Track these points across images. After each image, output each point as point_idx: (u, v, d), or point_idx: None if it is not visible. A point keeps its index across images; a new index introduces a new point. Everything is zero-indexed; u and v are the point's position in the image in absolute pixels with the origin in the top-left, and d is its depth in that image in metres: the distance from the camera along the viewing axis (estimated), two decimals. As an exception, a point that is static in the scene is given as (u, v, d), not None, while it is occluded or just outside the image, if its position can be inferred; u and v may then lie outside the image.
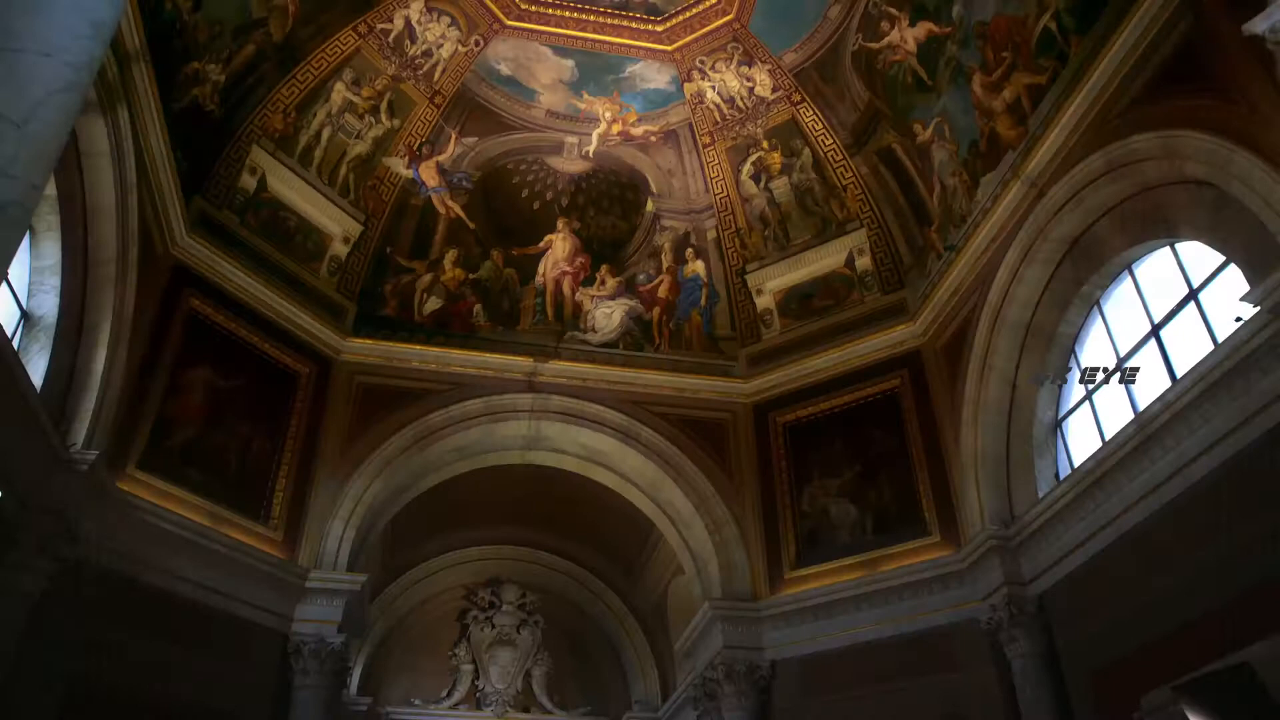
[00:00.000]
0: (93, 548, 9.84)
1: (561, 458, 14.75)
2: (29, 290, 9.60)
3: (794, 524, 13.36)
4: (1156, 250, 10.08)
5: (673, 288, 15.48)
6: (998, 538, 11.03)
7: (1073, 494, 10.04)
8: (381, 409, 13.49)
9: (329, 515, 12.43)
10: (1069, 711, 10.14)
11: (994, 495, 11.52)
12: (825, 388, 14.08)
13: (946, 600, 11.65)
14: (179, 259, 12.05)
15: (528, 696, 18.30)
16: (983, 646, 11.12)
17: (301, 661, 11.35)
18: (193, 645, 10.58)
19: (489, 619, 18.71)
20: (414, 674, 18.16)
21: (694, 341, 15.25)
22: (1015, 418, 11.73)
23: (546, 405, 14.16)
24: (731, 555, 13.35)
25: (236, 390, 12.31)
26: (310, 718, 11.14)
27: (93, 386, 9.98)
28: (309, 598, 11.76)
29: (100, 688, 9.65)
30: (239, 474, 11.91)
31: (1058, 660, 10.44)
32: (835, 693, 11.97)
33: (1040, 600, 10.74)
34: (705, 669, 13.09)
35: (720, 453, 14.20)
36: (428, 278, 14.80)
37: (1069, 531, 10.26)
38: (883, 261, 14.32)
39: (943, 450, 12.54)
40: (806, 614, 12.50)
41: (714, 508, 13.68)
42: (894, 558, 12.26)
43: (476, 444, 14.19)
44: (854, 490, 13.16)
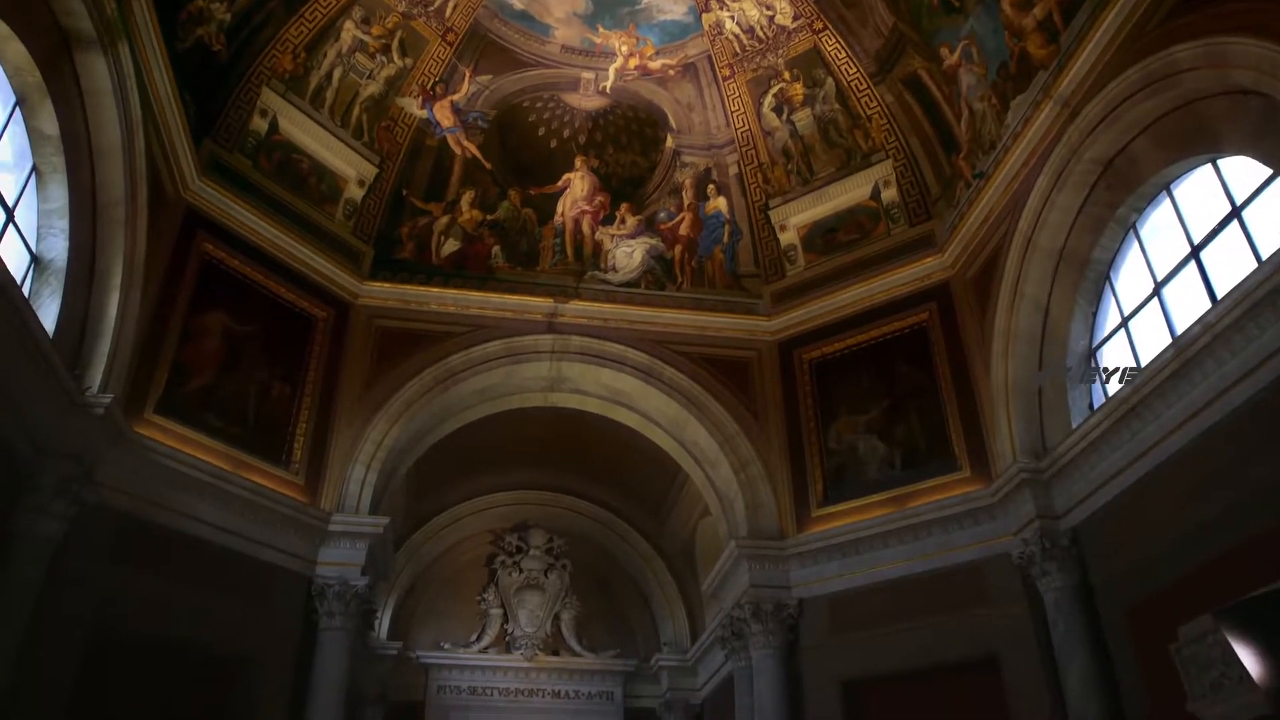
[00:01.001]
0: (111, 492, 9.84)
1: (584, 399, 14.59)
2: (38, 234, 9.46)
3: (821, 461, 13.16)
4: (1197, 168, 9.64)
5: (694, 225, 15.15)
6: (1029, 470, 10.76)
7: (1107, 423, 9.73)
8: (400, 352, 13.36)
9: (350, 459, 12.37)
10: (1103, 646, 9.92)
11: (1025, 427, 11.23)
12: (851, 323, 13.78)
13: (976, 535, 11.43)
14: (191, 203, 11.88)
15: (557, 639, 18.34)
16: (1014, 582, 10.91)
17: (326, 604, 11.36)
18: (216, 589, 10.58)
19: (516, 564, 18.71)
20: (443, 619, 18.24)
21: (717, 279, 14.96)
22: (1048, 348, 11.38)
23: (567, 346, 13.96)
24: (757, 493, 13.18)
25: (253, 335, 12.19)
26: (336, 659, 11.16)
27: (106, 331, 9.87)
28: (331, 541, 11.73)
29: (124, 632, 9.68)
30: (258, 419, 11.84)
31: (1091, 594, 10.21)
32: (863, 629, 11.84)
33: (1074, 533, 10.48)
34: (732, 608, 12.99)
35: (745, 391, 13.98)
36: (444, 219, 14.56)
37: (1103, 462, 9.97)
38: (909, 193, 13.89)
39: (972, 383, 12.24)
40: (834, 551, 12.34)
41: (739, 446, 13.48)
42: (923, 493, 12.03)
43: (498, 386, 14.05)
44: (882, 426, 12.91)
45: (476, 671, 17.71)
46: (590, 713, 17.92)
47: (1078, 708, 9.75)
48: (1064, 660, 10.07)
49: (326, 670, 11.05)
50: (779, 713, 11.78)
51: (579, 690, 18.03)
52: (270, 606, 11.10)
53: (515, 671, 17.86)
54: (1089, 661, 9.86)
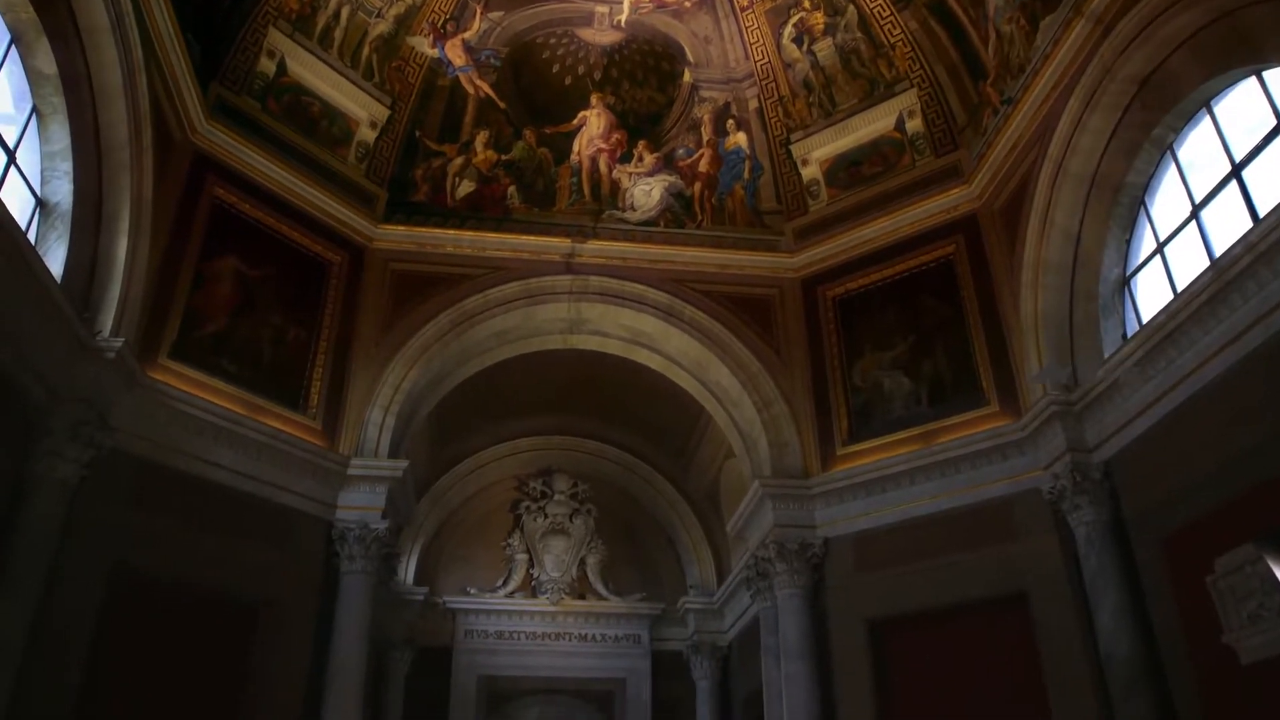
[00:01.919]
0: (127, 436, 9.80)
1: (604, 341, 14.38)
2: (42, 177, 9.32)
3: (845, 399, 12.92)
4: (1239, 82, 9.18)
5: (714, 161, 14.77)
6: (1060, 403, 10.46)
7: (1141, 351, 9.39)
8: (417, 295, 13.20)
9: (368, 403, 12.28)
10: (1135, 580, 9.70)
11: (1056, 359, 10.88)
12: (876, 258, 13.44)
13: (1006, 470, 11.18)
14: (199, 146, 11.70)
15: (583, 584, 18.36)
16: (1044, 517, 10.68)
17: (347, 547, 11.34)
18: (236, 533, 10.57)
19: (541, 509, 18.68)
20: (469, 564, 18.29)
21: (737, 216, 14.61)
22: (1079, 277, 11.02)
23: (586, 286, 13.73)
24: (781, 433, 12.98)
25: (267, 280, 12.06)
26: (358, 602, 11.16)
27: (116, 275, 9.77)
28: (351, 485, 11.68)
29: (145, 575, 9.69)
30: (273, 364, 11.74)
31: (1124, 527, 9.97)
32: (890, 567, 11.67)
33: (1106, 466, 10.21)
34: (757, 548, 12.86)
35: (767, 329, 13.71)
36: (459, 161, 14.29)
37: (1137, 393, 9.66)
38: (935, 122, 13.43)
39: (1001, 316, 11.91)
40: (859, 489, 12.14)
41: (762, 385, 13.26)
42: (950, 429, 11.77)
43: (516, 328, 13.87)
44: (908, 362, 12.63)
45: (503, 616, 17.77)
46: (617, 655, 17.97)
47: (1109, 642, 9.56)
48: (1095, 595, 9.86)
49: (349, 613, 11.05)
50: (804, 652, 11.68)
51: (605, 634, 18.07)
52: (291, 550, 11.09)
53: (542, 616, 17.91)
54: (1121, 596, 9.65)
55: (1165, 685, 9.16)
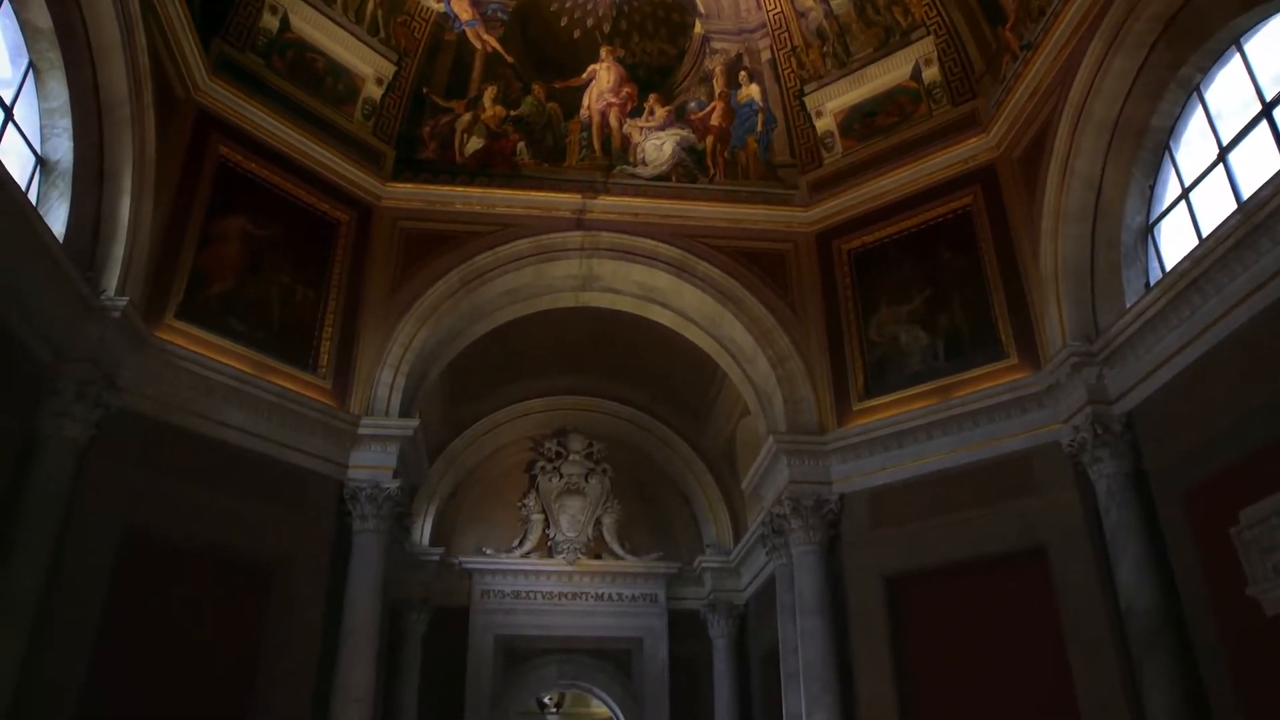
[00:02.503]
0: (135, 397, 9.75)
1: (616, 298, 14.21)
2: (41, 134, 9.19)
3: (861, 354, 12.73)
4: (1270, 18, 8.84)
5: (726, 114, 14.48)
6: (1080, 354, 10.24)
7: (1165, 299, 9.15)
8: (426, 254, 13.05)
9: (378, 362, 12.18)
10: (1157, 533, 9.52)
11: (1076, 310, 10.66)
12: (892, 210, 13.17)
13: (1025, 424, 10.99)
14: (203, 104, 11.52)
15: (599, 543, 18.32)
16: (1064, 470, 10.50)
17: (358, 507, 11.30)
18: (247, 493, 10.53)
19: (556, 469, 18.62)
20: (484, 525, 18.27)
21: (751, 170, 14.34)
22: (1100, 225, 10.74)
23: (597, 242, 13.54)
24: (796, 388, 12.81)
25: (274, 239, 11.92)
26: (371, 561, 11.13)
27: (119, 234, 9.64)
28: (362, 444, 11.62)
29: (156, 535, 9.66)
30: (282, 323, 11.63)
31: (1146, 480, 9.77)
32: (906, 523, 11.54)
33: (1128, 418, 10.00)
34: (772, 505, 12.76)
35: (781, 284, 13.49)
36: (467, 117, 14.05)
37: (1160, 342, 9.43)
38: (952, 70, 13.07)
39: (1020, 267, 11.66)
40: (876, 445, 11.98)
41: (776, 340, 13.08)
42: (968, 383, 11.58)
43: (528, 286, 13.72)
44: (924, 315, 12.40)
45: (519, 576, 17.77)
46: (634, 615, 17.96)
47: (1130, 596, 9.41)
48: (1116, 549, 9.70)
49: (362, 572, 11.03)
50: (820, 609, 11.60)
51: (622, 593, 18.06)
52: (303, 510, 11.05)
53: (558, 575, 17.90)
54: (1142, 549, 9.49)
55: (1187, 639, 9.02)
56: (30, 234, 8.06)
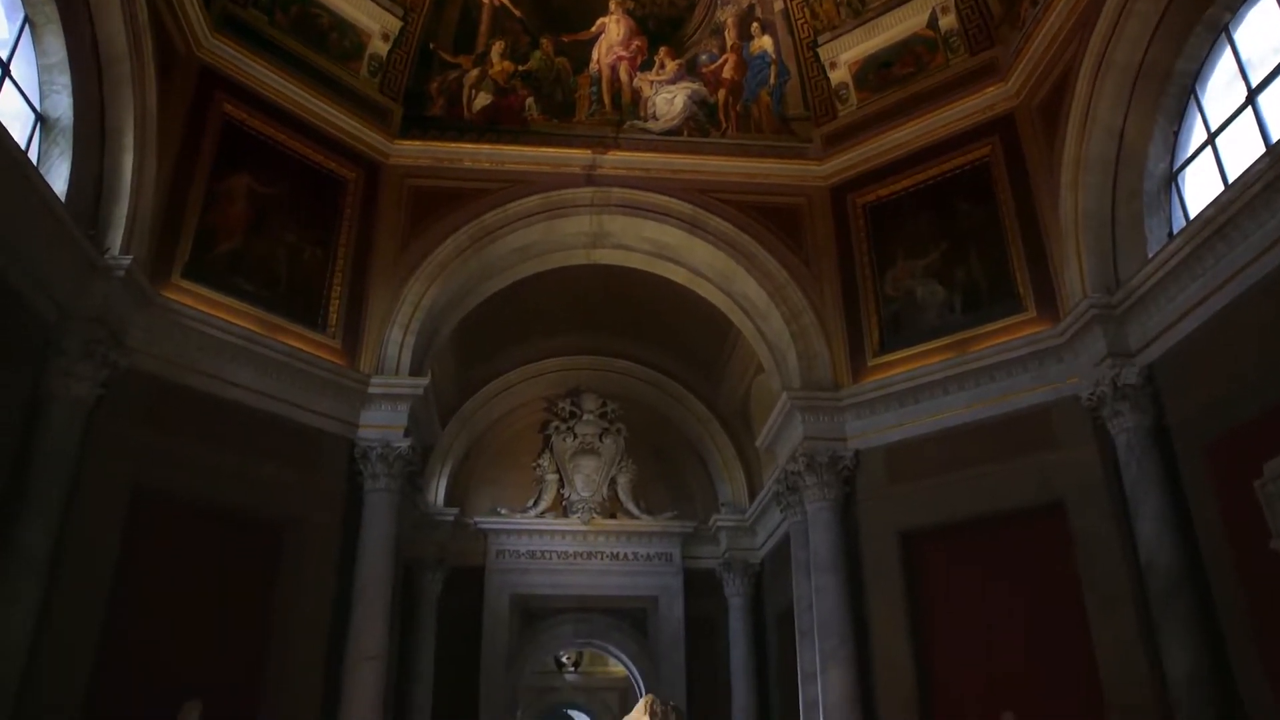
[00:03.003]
0: (143, 356, 9.71)
1: (628, 255, 14.04)
2: (40, 91, 9.05)
3: (877, 308, 12.54)
4: (1300, -48, 8.54)
5: (738, 67, 14.19)
6: (1100, 306, 10.03)
7: (1189, 248, 8.91)
8: (435, 211, 12.91)
9: (387, 321, 12.10)
10: (1178, 487, 9.37)
11: (1097, 262, 10.43)
12: (908, 163, 12.91)
13: (1043, 378, 10.81)
14: (205, 61, 11.36)
15: (614, 503, 18.28)
16: (1083, 424, 10.33)
17: (369, 466, 11.27)
18: (258, 452, 10.51)
19: (570, 429, 18.55)
20: (499, 485, 18.26)
21: (764, 124, 14.07)
22: (1122, 174, 10.48)
23: (607, 198, 13.33)
24: (810, 344, 12.64)
25: (281, 198, 11.80)
26: (383, 520, 11.13)
27: (123, 193, 9.55)
28: (372, 403, 11.57)
29: (167, 495, 9.66)
30: (290, 283, 11.54)
31: (1167, 434, 9.60)
32: (922, 479, 11.42)
33: (1149, 371, 9.81)
34: (787, 462, 12.64)
35: (795, 239, 13.28)
36: (475, 73, 13.82)
37: (1183, 292, 9.20)
38: (969, 17, 12.71)
39: (1038, 219, 11.40)
40: (891, 400, 11.83)
41: (790, 296, 12.89)
42: (985, 337, 11.39)
43: (538, 244, 13.56)
44: (941, 269, 12.19)
45: (534, 536, 17.77)
46: (649, 574, 17.96)
47: (1150, 550, 9.27)
48: (1135, 503, 9.56)
49: (374, 531, 11.03)
50: (835, 565, 11.52)
51: (637, 552, 18.04)
52: (314, 469, 11.04)
53: (573, 535, 17.89)
54: (1162, 503, 9.34)
55: (1207, 594, 8.90)
56: (30, 191, 7.97)
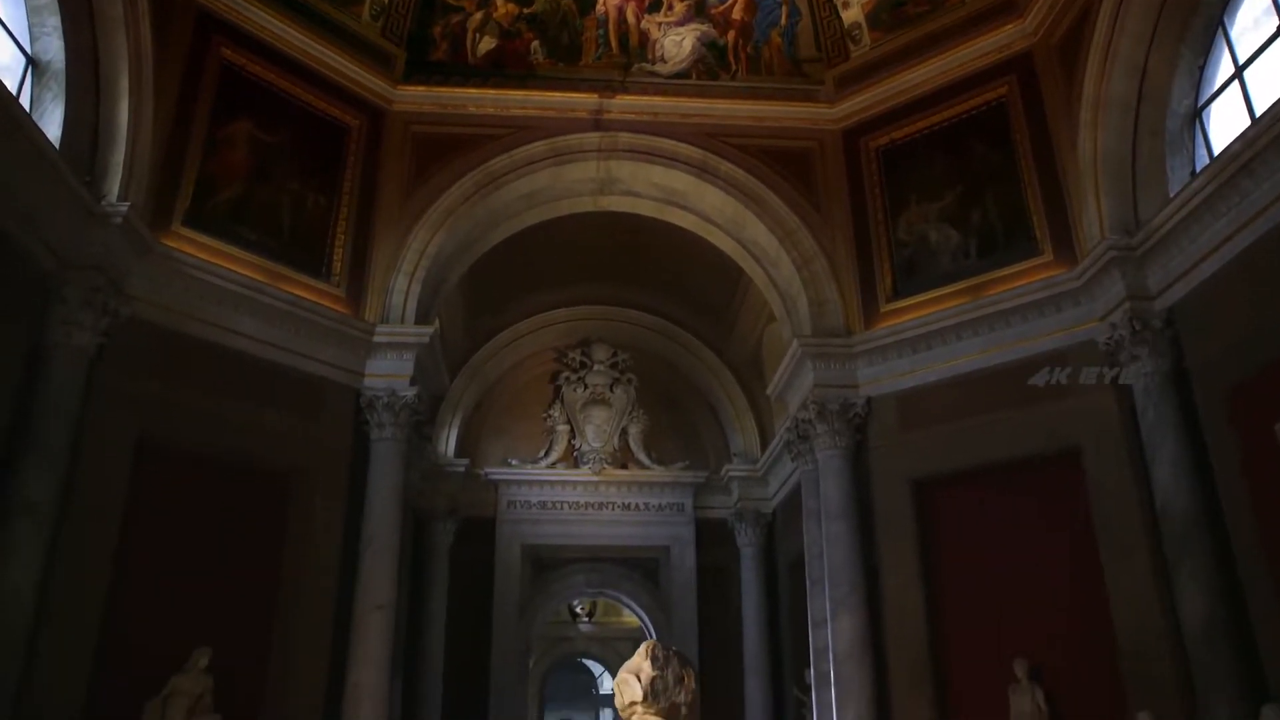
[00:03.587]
0: (144, 305, 9.61)
1: (637, 201, 13.80)
2: (30, 34, 8.85)
3: (889, 253, 12.30)
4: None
5: (748, 8, 13.78)
6: (1119, 248, 9.78)
7: (1213, 185, 8.64)
8: (439, 158, 12.69)
9: (392, 270, 11.96)
10: (1196, 432, 9.20)
11: (1117, 203, 10.17)
12: (922, 104, 12.58)
13: (1059, 322, 10.60)
14: (202, 4, 11.10)
15: (625, 453, 18.21)
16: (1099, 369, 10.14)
17: (375, 415, 11.20)
18: (263, 402, 10.45)
19: (581, 379, 18.44)
20: (509, 436, 18.21)
21: (774, 66, 13.71)
22: (1144, 113, 10.18)
23: (615, 143, 13.07)
24: (821, 290, 12.44)
25: (283, 145, 11.60)
26: (389, 469, 11.08)
27: (119, 139, 9.38)
28: (377, 352, 11.48)
29: (170, 446, 9.62)
30: (294, 231, 11.39)
31: (1186, 378, 9.42)
32: (935, 426, 11.27)
33: (1169, 314, 9.60)
34: (797, 410, 12.50)
35: (806, 183, 13.02)
36: (479, 16, 13.48)
37: (1206, 232, 8.95)
38: (986, -49, 12.35)
39: (1056, 160, 11.10)
40: (904, 346, 11.65)
41: (801, 241, 12.65)
42: (1000, 281, 11.15)
43: (545, 190, 13.33)
44: (956, 213, 11.92)
45: (545, 486, 17.75)
46: (661, 524, 17.94)
47: (1167, 497, 9.13)
48: (1152, 449, 9.41)
49: (381, 480, 10.98)
50: (846, 513, 11.42)
51: (649, 502, 18.00)
52: (320, 419, 10.98)
53: (584, 485, 17.85)
54: (1180, 449, 9.20)
55: (1224, 538, 8.77)
56: (22, 135, 7.82)
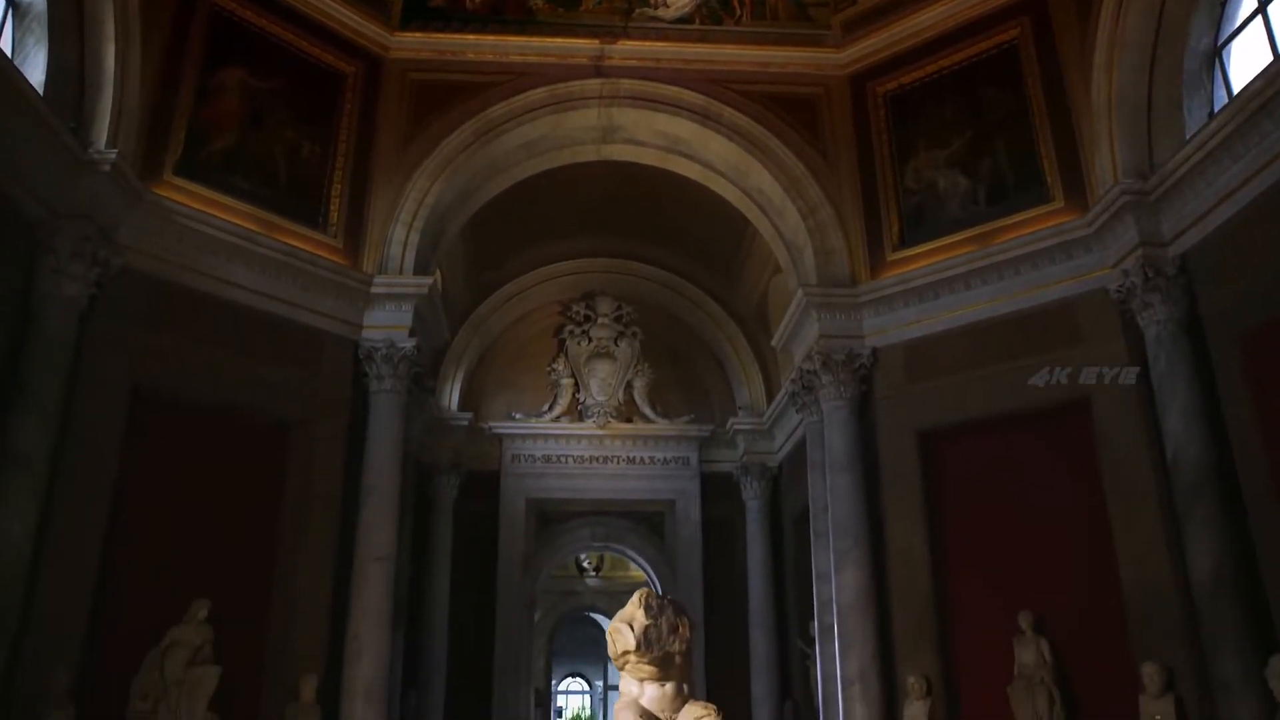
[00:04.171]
0: (136, 255, 9.47)
1: (639, 150, 13.51)
2: (7, -26, 8.63)
3: (897, 201, 12.04)
4: None
5: (753, -51, 13.46)
6: (1133, 192, 9.53)
7: (1232, 125, 8.36)
8: (438, 106, 12.42)
9: (390, 220, 11.75)
10: (1209, 380, 9.01)
11: (1131, 146, 9.90)
12: (931, 48, 12.23)
13: (1070, 270, 10.37)
14: (191, -54, 10.82)
15: (630, 407, 18.08)
16: (1110, 317, 9.96)
17: (374, 367, 11.07)
18: (259, 354, 10.32)
19: (585, 333, 18.26)
20: (513, 390, 18.08)
21: (779, 10, 13.33)
22: (1161, 53, 9.87)
23: (616, 90, 12.76)
24: (827, 239, 12.20)
25: (277, 93, 11.37)
26: (389, 421, 10.98)
27: (106, 85, 9.18)
28: (376, 304, 11.32)
29: (165, 397, 9.53)
30: (289, 181, 11.18)
31: (1199, 325, 9.21)
32: (942, 376, 11.09)
33: (1182, 260, 9.37)
34: (802, 361, 12.33)
35: (812, 130, 12.71)
36: (477, -41, 13.17)
37: (1223, 175, 8.70)
38: (1000, -114, 11.93)
39: (1069, 104, 10.79)
40: (911, 296, 11.44)
41: (807, 190, 12.39)
42: (1010, 229, 10.90)
43: (545, 139, 13.06)
44: (965, 159, 11.63)
45: (550, 440, 17.65)
46: (666, 478, 17.85)
47: (1177, 445, 8.97)
48: (1164, 398, 9.23)
49: (380, 433, 10.88)
50: (851, 464, 11.29)
51: (654, 456, 17.90)
52: (318, 371, 10.86)
53: (589, 439, 17.74)
54: (1191, 398, 9.02)
55: (1235, 489, 8.62)
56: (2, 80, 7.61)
